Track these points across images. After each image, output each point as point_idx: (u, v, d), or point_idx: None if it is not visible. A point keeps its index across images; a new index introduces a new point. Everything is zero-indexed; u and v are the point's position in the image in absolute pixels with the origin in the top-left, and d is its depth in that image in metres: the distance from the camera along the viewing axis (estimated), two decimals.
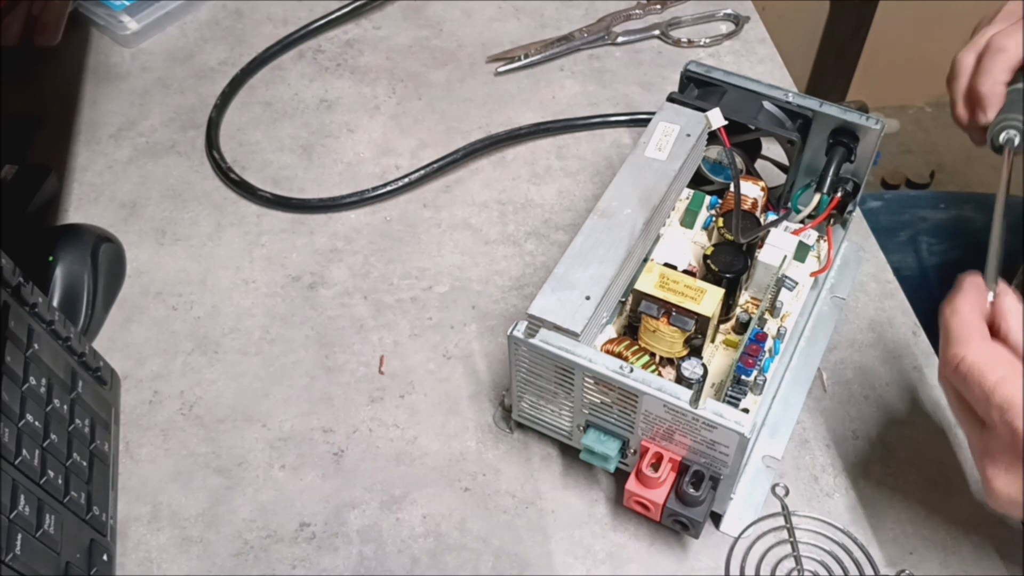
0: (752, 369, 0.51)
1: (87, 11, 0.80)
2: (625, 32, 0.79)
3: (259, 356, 0.60)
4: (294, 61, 0.78)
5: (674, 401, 0.45)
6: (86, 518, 0.48)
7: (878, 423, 0.55)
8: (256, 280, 0.64)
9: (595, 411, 0.49)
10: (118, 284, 0.63)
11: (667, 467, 0.48)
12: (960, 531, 0.51)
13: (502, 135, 0.71)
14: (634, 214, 0.52)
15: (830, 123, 0.57)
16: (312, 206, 0.68)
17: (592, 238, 0.51)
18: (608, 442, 0.50)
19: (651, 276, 0.51)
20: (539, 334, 0.47)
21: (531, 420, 0.54)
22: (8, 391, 0.45)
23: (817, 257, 0.58)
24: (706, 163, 0.60)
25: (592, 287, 0.49)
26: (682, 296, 0.51)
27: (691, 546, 0.51)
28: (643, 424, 0.48)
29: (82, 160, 0.71)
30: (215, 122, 0.73)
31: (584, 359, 0.46)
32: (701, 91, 0.59)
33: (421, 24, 0.81)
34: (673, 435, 0.47)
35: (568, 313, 0.48)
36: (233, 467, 0.55)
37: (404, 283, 0.63)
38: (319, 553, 0.52)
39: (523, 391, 0.51)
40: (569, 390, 0.49)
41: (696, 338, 0.51)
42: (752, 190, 0.57)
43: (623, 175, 0.54)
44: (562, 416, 0.51)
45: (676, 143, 0.55)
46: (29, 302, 0.49)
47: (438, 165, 0.69)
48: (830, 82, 1.76)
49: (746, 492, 0.53)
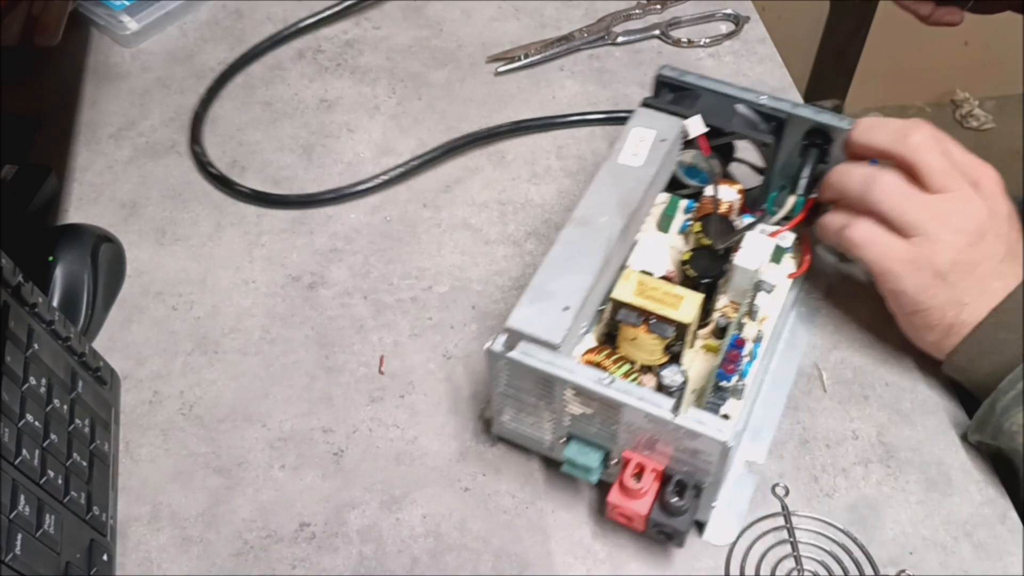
0: (732, 375, 0.50)
1: (87, 11, 0.80)
2: (625, 32, 0.79)
3: (259, 356, 0.60)
4: (294, 61, 0.78)
5: (655, 411, 0.44)
6: (86, 518, 0.48)
7: (878, 423, 0.55)
8: (256, 280, 0.64)
9: (576, 423, 0.49)
10: (118, 284, 0.63)
11: (650, 477, 0.47)
12: (960, 531, 0.51)
13: (482, 132, 0.71)
14: (611, 221, 0.52)
15: (804, 124, 0.56)
16: (291, 202, 0.68)
17: (569, 247, 0.51)
18: (590, 454, 0.49)
19: (629, 284, 0.51)
20: (519, 347, 0.47)
21: (512, 434, 0.53)
22: (8, 391, 0.45)
23: (795, 259, 0.58)
24: (681, 167, 0.60)
25: (570, 297, 0.48)
26: (660, 303, 0.50)
27: (691, 546, 0.51)
28: (625, 435, 0.47)
29: (82, 160, 0.71)
30: (200, 116, 0.73)
31: (564, 371, 0.46)
32: (675, 95, 0.59)
33: (421, 24, 0.81)
34: (655, 445, 0.46)
35: (547, 324, 0.47)
36: (233, 467, 0.55)
37: (404, 283, 0.63)
38: (319, 553, 0.52)
39: (503, 405, 0.51)
40: (550, 402, 0.48)
41: (676, 345, 0.51)
42: (728, 193, 0.56)
43: (599, 182, 0.54)
44: (543, 429, 0.51)
45: (651, 148, 0.55)
46: (29, 302, 0.49)
47: (402, 170, 0.69)
48: (830, 82, 1.76)
49: (729, 498, 0.52)
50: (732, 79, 0.75)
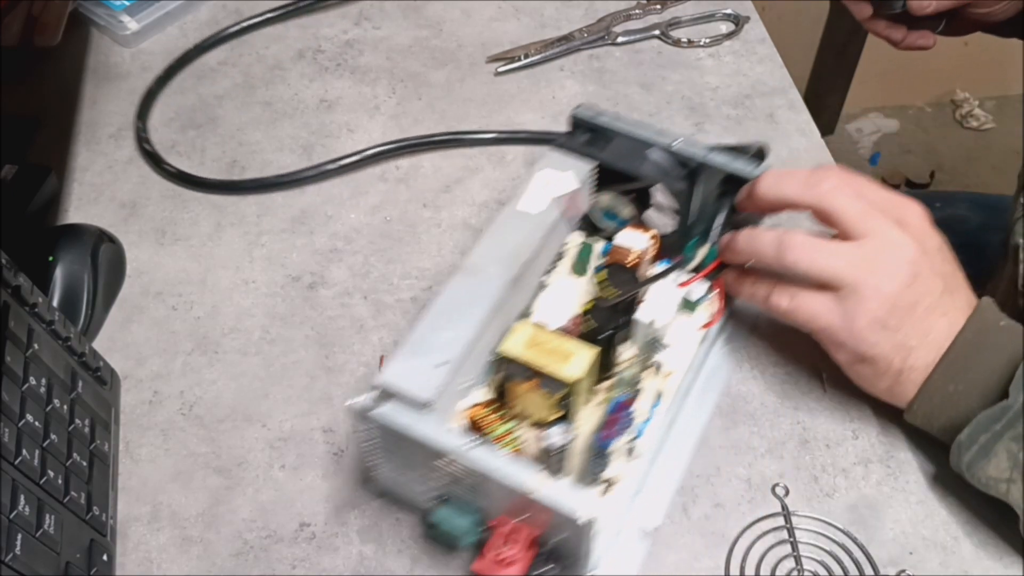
0: (610, 441, 0.47)
1: (87, 11, 0.80)
2: (625, 32, 0.79)
3: (259, 356, 0.60)
4: (294, 61, 0.78)
5: (512, 482, 0.42)
6: (86, 518, 0.48)
7: (878, 423, 0.55)
8: (256, 280, 0.64)
9: (449, 485, 0.46)
10: (118, 284, 0.63)
11: (521, 544, 0.44)
12: (960, 531, 0.51)
13: (412, 140, 0.71)
14: (500, 271, 0.49)
15: (717, 172, 0.54)
16: (211, 185, 0.69)
17: (455, 297, 0.48)
18: (461, 519, 0.46)
19: (519, 336, 0.48)
20: (387, 404, 0.44)
21: (391, 490, 0.51)
22: (8, 391, 0.45)
23: (709, 309, 0.55)
24: (597, 209, 0.57)
25: (448, 351, 0.46)
26: (550, 358, 0.47)
27: (691, 546, 0.51)
28: (492, 502, 0.45)
29: (82, 160, 0.71)
30: (153, 92, 0.75)
31: (430, 433, 0.43)
32: (590, 136, 0.56)
33: (421, 24, 0.81)
34: (524, 512, 0.44)
35: (419, 381, 0.45)
36: (233, 467, 0.55)
37: (404, 283, 0.63)
38: (319, 553, 0.52)
39: (375, 463, 0.49)
40: (416, 465, 0.46)
41: (567, 401, 0.48)
42: (640, 240, 0.53)
43: (494, 229, 0.52)
44: (418, 490, 0.49)
45: (554, 193, 0.53)
46: (29, 302, 0.49)
47: (343, 162, 0.70)
48: (830, 82, 1.76)
49: (619, 564, 0.49)
50: (732, 79, 0.76)
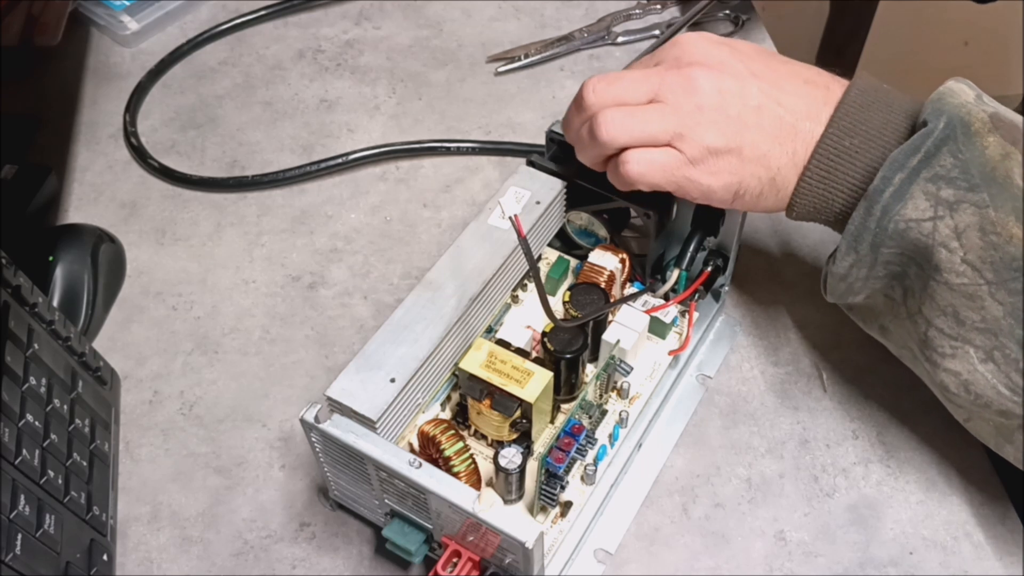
0: (561, 465, 0.46)
1: (87, 11, 0.80)
2: (625, 32, 0.79)
3: (259, 356, 0.60)
4: (294, 61, 0.78)
5: (456, 501, 0.41)
6: (86, 518, 0.48)
7: (878, 423, 0.56)
8: (256, 280, 0.64)
9: (398, 501, 0.46)
10: (118, 284, 0.63)
11: (465, 566, 0.44)
12: (960, 531, 0.51)
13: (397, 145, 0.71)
14: (461, 288, 0.49)
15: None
16: (194, 181, 0.69)
17: (412, 313, 0.47)
18: (411, 534, 0.46)
19: (479, 354, 0.47)
20: (333, 418, 0.44)
21: (347, 500, 0.50)
22: (8, 391, 0.45)
23: (679, 334, 0.54)
24: (572, 227, 0.57)
25: (399, 369, 0.45)
26: (507, 378, 0.46)
27: (691, 546, 0.51)
28: (439, 520, 0.44)
29: (82, 160, 0.71)
30: (144, 86, 0.75)
31: (373, 449, 0.43)
32: (565, 153, 0.54)
33: (421, 24, 0.81)
34: (471, 532, 0.43)
35: (367, 397, 0.44)
36: (233, 467, 0.55)
37: (404, 283, 0.63)
38: (319, 553, 0.52)
39: (332, 473, 0.48)
40: (366, 479, 0.46)
41: (521, 423, 0.47)
42: (610, 261, 0.53)
43: (460, 244, 0.51)
44: (369, 504, 0.48)
45: (524, 210, 0.52)
46: (29, 302, 0.49)
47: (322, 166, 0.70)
48: None
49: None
50: None
